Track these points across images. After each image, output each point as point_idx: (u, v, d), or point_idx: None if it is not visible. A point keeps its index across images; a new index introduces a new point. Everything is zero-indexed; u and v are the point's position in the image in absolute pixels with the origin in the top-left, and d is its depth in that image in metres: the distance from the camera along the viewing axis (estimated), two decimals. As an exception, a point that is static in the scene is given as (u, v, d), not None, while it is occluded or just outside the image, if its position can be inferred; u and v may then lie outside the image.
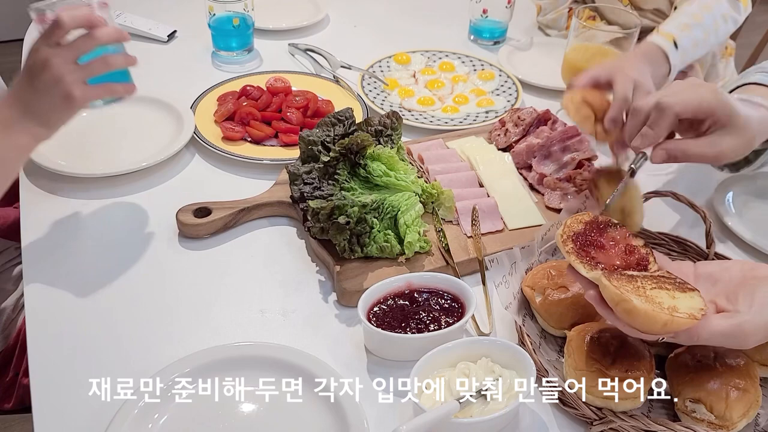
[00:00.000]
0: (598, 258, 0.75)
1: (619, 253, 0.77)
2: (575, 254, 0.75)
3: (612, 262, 0.75)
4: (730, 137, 0.81)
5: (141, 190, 1.10)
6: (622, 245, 0.78)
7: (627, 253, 0.77)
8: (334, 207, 0.92)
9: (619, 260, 0.75)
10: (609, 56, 1.22)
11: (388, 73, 1.43)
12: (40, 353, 0.84)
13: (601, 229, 0.79)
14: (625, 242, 0.78)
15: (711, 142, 0.81)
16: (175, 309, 0.91)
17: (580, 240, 0.77)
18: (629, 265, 0.75)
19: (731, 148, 0.82)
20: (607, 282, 0.70)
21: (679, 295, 0.71)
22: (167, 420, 0.76)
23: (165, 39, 1.52)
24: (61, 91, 0.85)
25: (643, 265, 0.75)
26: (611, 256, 0.76)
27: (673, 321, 0.67)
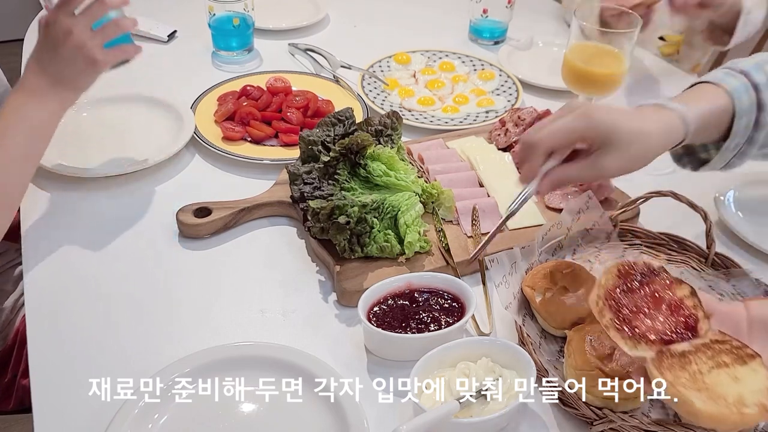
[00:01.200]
0: (641, 327, 0.67)
1: (665, 314, 0.69)
2: (616, 329, 0.67)
3: (659, 329, 0.67)
4: (610, 157, 0.77)
5: (141, 190, 1.10)
6: (667, 300, 0.70)
7: (673, 311, 0.69)
8: (334, 207, 0.92)
9: (666, 323, 0.68)
10: (609, 56, 1.22)
11: (388, 73, 1.43)
12: (40, 353, 0.84)
13: (639, 280, 0.71)
14: (668, 294, 0.70)
15: (590, 165, 0.79)
16: (175, 309, 0.91)
17: (618, 305, 0.69)
18: (677, 328, 0.68)
19: (613, 168, 0.79)
20: (659, 375, 0.63)
21: (740, 371, 0.64)
22: (167, 420, 0.76)
23: (165, 39, 1.52)
24: (86, 57, 0.92)
25: (693, 324, 0.68)
26: (656, 320, 0.68)
27: (743, 420, 0.61)
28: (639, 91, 1.44)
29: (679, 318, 0.68)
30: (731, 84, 0.84)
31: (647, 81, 1.46)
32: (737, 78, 0.85)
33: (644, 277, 0.72)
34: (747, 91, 0.84)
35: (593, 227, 0.98)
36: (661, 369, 0.64)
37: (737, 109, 0.83)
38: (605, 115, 0.78)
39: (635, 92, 1.43)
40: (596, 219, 0.98)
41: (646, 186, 1.00)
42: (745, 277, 0.93)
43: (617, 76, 1.24)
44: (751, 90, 0.84)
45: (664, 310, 0.69)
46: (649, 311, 0.69)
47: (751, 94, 0.84)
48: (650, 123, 0.80)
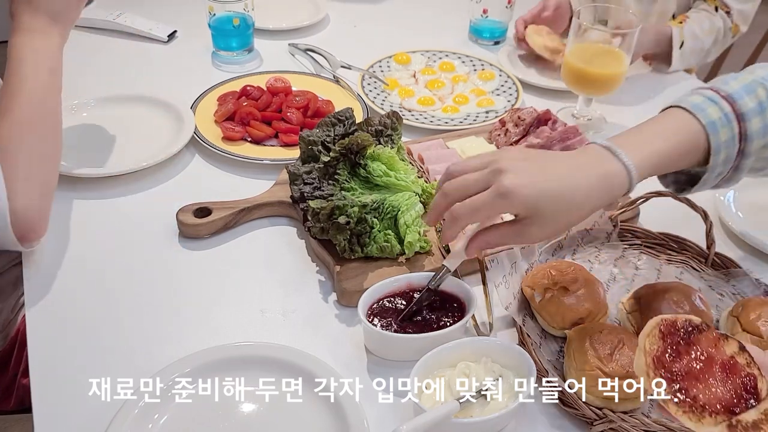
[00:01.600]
0: (702, 398, 0.63)
1: (721, 377, 0.64)
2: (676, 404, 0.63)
3: (720, 396, 0.63)
4: (536, 228, 0.72)
5: (141, 190, 1.10)
6: (719, 361, 0.65)
7: (728, 373, 0.65)
8: (334, 207, 0.92)
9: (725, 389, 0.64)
10: (609, 56, 1.22)
11: (389, 73, 1.43)
12: (40, 353, 0.84)
13: (683, 341, 0.67)
14: (718, 353, 0.66)
15: (515, 233, 0.74)
16: (175, 309, 0.91)
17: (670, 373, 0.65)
18: (738, 392, 0.64)
19: (539, 237, 0.74)
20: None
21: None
22: (167, 420, 0.76)
23: (165, 39, 1.52)
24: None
25: (753, 386, 0.64)
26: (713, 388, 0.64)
27: None
28: (639, 91, 1.44)
29: (736, 381, 0.64)
30: (709, 115, 0.77)
31: (646, 81, 1.46)
32: (719, 106, 0.77)
33: (689, 336, 0.67)
34: (729, 123, 0.77)
35: (593, 227, 0.98)
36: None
37: (713, 145, 0.76)
38: (527, 189, 0.71)
39: (636, 93, 1.43)
40: (596, 219, 0.98)
41: (646, 186, 1.00)
42: (745, 277, 0.93)
43: (617, 76, 1.24)
44: (734, 121, 0.77)
45: (718, 372, 0.65)
46: (703, 376, 0.64)
47: (734, 126, 0.77)
48: (583, 180, 0.73)
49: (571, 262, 0.91)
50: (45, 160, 0.94)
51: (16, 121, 0.92)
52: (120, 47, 1.51)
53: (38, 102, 0.94)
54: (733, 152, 0.78)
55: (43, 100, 0.95)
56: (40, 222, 0.93)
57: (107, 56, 1.48)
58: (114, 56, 1.48)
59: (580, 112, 1.32)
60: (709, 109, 0.77)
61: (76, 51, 1.03)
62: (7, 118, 0.92)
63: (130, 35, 1.54)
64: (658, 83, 1.47)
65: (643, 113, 1.35)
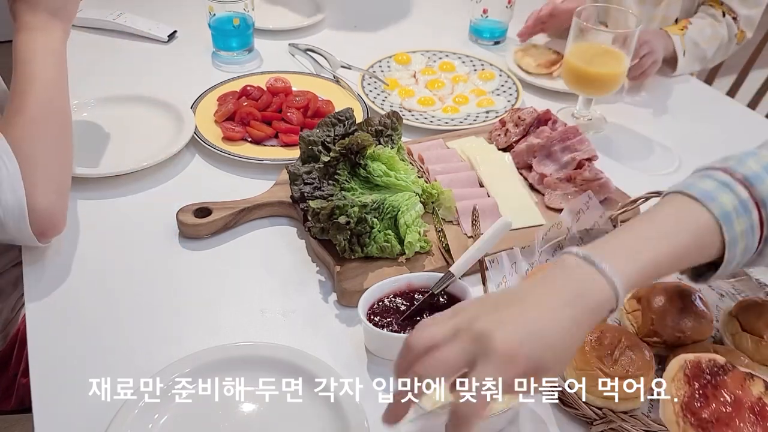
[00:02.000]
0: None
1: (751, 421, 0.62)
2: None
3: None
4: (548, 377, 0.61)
5: (141, 190, 1.10)
6: (747, 403, 0.63)
7: (758, 416, 0.62)
8: (335, 207, 0.92)
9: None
10: (609, 56, 1.22)
11: (389, 73, 1.43)
12: (40, 353, 0.84)
13: (709, 384, 0.64)
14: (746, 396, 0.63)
15: None
16: (175, 309, 0.91)
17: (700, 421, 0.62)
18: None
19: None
20: None
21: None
22: (167, 420, 0.76)
23: (165, 39, 1.52)
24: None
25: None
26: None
27: None
28: (639, 91, 1.44)
29: (765, 423, 0.62)
30: (722, 205, 0.66)
31: (646, 81, 1.46)
32: (734, 192, 0.67)
33: (715, 378, 0.65)
34: (746, 212, 0.66)
35: (593, 227, 0.98)
36: None
37: (728, 238, 0.66)
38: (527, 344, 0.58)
39: (636, 93, 1.43)
40: (596, 219, 0.98)
41: (646, 186, 1.00)
42: (745, 277, 0.93)
43: (617, 76, 1.24)
44: (753, 209, 0.67)
45: (748, 416, 0.63)
46: (733, 422, 0.62)
47: (753, 215, 0.66)
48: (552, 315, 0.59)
49: (571, 262, 0.91)
50: (59, 156, 0.95)
51: (29, 121, 0.93)
52: (120, 47, 1.51)
53: (48, 100, 0.95)
54: (753, 242, 0.68)
55: (52, 98, 0.96)
56: (59, 218, 0.95)
57: (107, 56, 1.48)
58: (114, 56, 1.48)
59: (580, 112, 1.32)
60: (722, 197, 0.66)
61: (77, 51, 1.03)
62: (20, 117, 0.93)
63: (130, 35, 1.54)
64: (659, 83, 1.47)
65: (643, 113, 1.36)
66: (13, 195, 0.88)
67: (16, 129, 0.91)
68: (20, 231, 0.90)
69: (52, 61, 0.98)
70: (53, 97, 0.96)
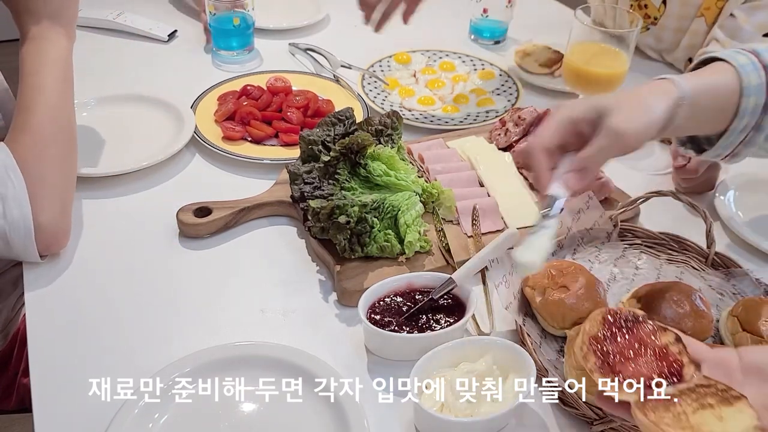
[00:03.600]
0: (626, 372, 0.66)
1: (649, 359, 0.68)
2: (600, 373, 0.66)
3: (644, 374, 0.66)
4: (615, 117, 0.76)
5: (141, 190, 1.10)
6: (651, 346, 0.69)
7: (658, 357, 0.68)
8: (335, 206, 0.92)
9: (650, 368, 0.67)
10: (609, 56, 1.22)
11: (389, 73, 1.43)
12: (40, 353, 0.84)
13: (622, 328, 0.70)
14: (653, 342, 0.69)
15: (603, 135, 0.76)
16: (176, 309, 0.91)
17: (602, 350, 0.68)
18: (662, 373, 0.66)
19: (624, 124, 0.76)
20: (643, 417, 0.61)
21: (726, 412, 0.62)
22: (167, 420, 0.76)
23: (165, 39, 1.52)
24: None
25: (678, 369, 0.67)
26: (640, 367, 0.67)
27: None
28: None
29: (663, 364, 0.67)
30: (738, 60, 0.81)
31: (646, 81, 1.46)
32: (746, 56, 0.82)
33: (629, 324, 0.70)
34: (756, 70, 0.81)
35: (593, 227, 0.98)
36: (644, 410, 0.62)
37: (744, 87, 0.80)
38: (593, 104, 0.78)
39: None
40: (596, 219, 0.98)
41: (646, 186, 1.00)
42: (745, 277, 0.93)
43: (617, 76, 1.24)
44: (761, 70, 0.81)
45: (648, 356, 0.68)
46: (633, 357, 0.68)
47: (761, 74, 0.80)
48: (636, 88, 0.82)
49: (571, 261, 0.91)
50: (65, 172, 0.96)
51: (35, 138, 0.93)
52: (120, 47, 1.51)
53: (54, 115, 0.95)
54: (760, 101, 0.80)
55: (58, 112, 0.96)
56: (63, 234, 0.96)
57: (107, 56, 1.48)
58: (114, 56, 1.48)
59: (580, 112, 1.32)
60: (739, 56, 0.82)
61: (76, 51, 1.02)
62: (26, 134, 0.93)
63: (131, 35, 1.54)
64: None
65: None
66: (19, 212, 0.88)
67: (23, 146, 0.92)
68: (25, 248, 0.91)
69: (58, 72, 0.98)
70: (59, 111, 0.96)
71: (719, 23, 1.33)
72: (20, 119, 0.94)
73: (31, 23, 0.98)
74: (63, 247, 0.96)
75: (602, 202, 1.04)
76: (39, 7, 0.98)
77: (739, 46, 0.85)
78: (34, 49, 0.97)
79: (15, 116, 0.95)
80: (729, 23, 1.30)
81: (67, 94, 0.99)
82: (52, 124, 0.95)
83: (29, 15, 0.98)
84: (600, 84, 1.25)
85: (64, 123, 0.97)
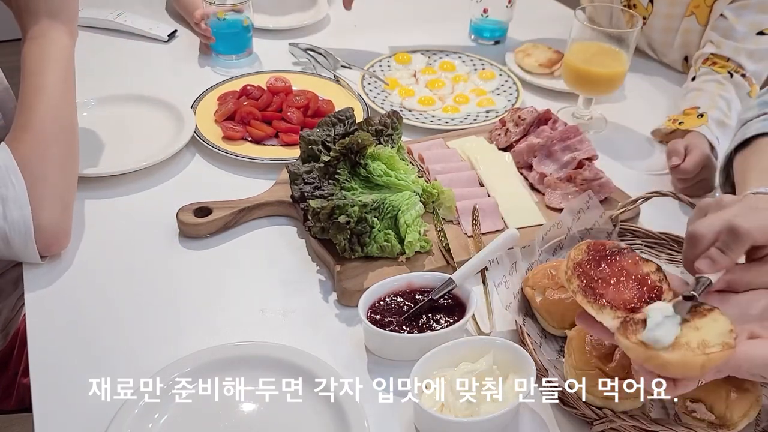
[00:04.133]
0: (607, 295, 0.70)
1: (630, 285, 0.71)
2: (582, 294, 0.70)
3: (624, 298, 0.70)
4: None
5: (141, 190, 1.10)
6: (633, 275, 0.72)
7: (639, 283, 0.71)
8: (335, 206, 0.92)
9: (630, 293, 0.70)
10: (609, 56, 1.22)
11: (389, 73, 1.43)
12: (40, 353, 0.84)
13: (607, 257, 0.73)
14: (635, 270, 0.72)
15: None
16: (175, 309, 0.91)
17: (586, 274, 0.72)
18: (641, 299, 0.70)
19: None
20: (625, 341, 0.64)
21: (701, 323, 0.66)
22: (167, 420, 0.76)
23: (165, 39, 1.52)
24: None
25: (657, 295, 0.70)
26: (621, 292, 0.70)
27: (709, 360, 0.62)
28: (639, 90, 1.44)
29: (642, 289, 0.71)
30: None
31: (647, 80, 1.46)
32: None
33: (613, 254, 0.74)
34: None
35: (593, 227, 0.98)
36: (626, 335, 0.65)
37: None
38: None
39: (636, 92, 1.43)
40: (596, 219, 0.98)
41: (646, 186, 1.00)
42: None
43: (617, 75, 1.24)
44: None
45: (629, 282, 0.71)
46: (615, 283, 0.71)
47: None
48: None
49: (571, 261, 0.91)
50: (66, 173, 0.96)
51: (36, 138, 0.93)
52: (120, 47, 1.51)
53: (55, 115, 0.95)
54: None
55: (59, 112, 0.96)
56: (64, 235, 0.95)
57: (107, 56, 1.48)
58: (114, 56, 1.48)
59: (580, 112, 1.32)
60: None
61: (77, 51, 1.02)
62: (28, 135, 0.93)
63: (131, 35, 1.54)
64: (659, 83, 1.47)
65: (643, 113, 1.36)
66: (19, 213, 0.88)
67: (24, 146, 0.91)
68: (26, 248, 0.91)
69: (59, 71, 0.97)
70: (61, 110, 0.96)
71: (711, 25, 1.33)
72: (22, 119, 0.94)
73: (31, 22, 0.98)
74: (64, 248, 0.96)
75: (602, 202, 1.04)
76: (39, 6, 0.98)
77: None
78: (36, 48, 0.97)
79: (16, 116, 0.95)
80: (721, 23, 1.30)
81: (69, 93, 0.99)
82: (53, 123, 0.94)
83: (29, 14, 0.98)
84: (600, 84, 1.26)
85: (66, 123, 0.97)
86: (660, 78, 1.48)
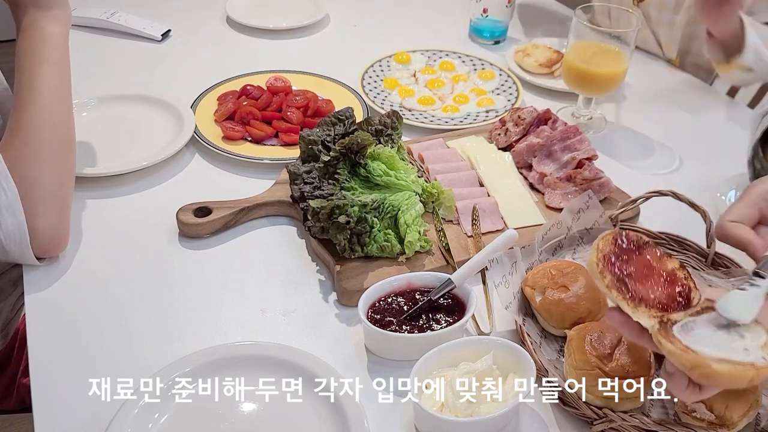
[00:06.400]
0: (640, 292, 0.68)
1: (660, 282, 0.70)
2: (618, 291, 0.67)
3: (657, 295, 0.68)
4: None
5: (141, 190, 1.10)
6: (660, 270, 0.71)
7: (667, 280, 0.70)
8: (335, 206, 0.92)
9: (662, 291, 0.69)
10: (609, 56, 1.22)
11: (389, 73, 1.43)
12: (40, 353, 0.84)
13: (632, 251, 0.72)
14: (661, 266, 0.71)
15: None
16: (175, 309, 0.91)
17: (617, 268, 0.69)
18: (672, 298, 0.68)
19: None
20: (669, 345, 0.62)
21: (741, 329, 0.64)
22: (167, 420, 0.76)
23: (159, 38, 1.52)
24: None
25: (687, 294, 0.69)
26: (654, 289, 0.69)
27: (758, 374, 0.60)
28: (639, 90, 1.44)
29: (673, 288, 0.70)
30: None
31: (647, 80, 1.46)
32: None
33: (638, 246, 0.73)
34: None
35: (593, 227, 0.98)
36: (668, 337, 0.63)
37: None
38: None
39: (636, 92, 1.43)
40: (596, 218, 0.98)
41: (646, 186, 1.00)
42: (744, 276, 0.93)
43: (617, 75, 1.24)
44: None
45: (659, 278, 0.70)
46: (645, 278, 0.70)
47: None
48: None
49: (571, 261, 0.91)
50: (60, 175, 0.93)
51: (28, 140, 0.90)
52: (120, 46, 1.51)
53: (48, 114, 0.92)
54: None
55: (52, 110, 0.93)
56: (61, 238, 0.94)
57: (107, 56, 1.48)
58: (113, 56, 1.48)
59: (580, 112, 1.32)
60: None
61: (74, 51, 1.02)
62: (19, 137, 0.90)
63: (126, 34, 1.54)
64: (659, 83, 1.47)
65: (644, 113, 1.36)
66: (13, 219, 0.86)
67: (15, 150, 0.89)
68: (23, 254, 0.89)
69: (50, 65, 0.94)
70: (53, 108, 0.93)
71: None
72: (14, 120, 0.91)
73: (20, 14, 0.96)
74: (62, 251, 0.95)
75: (602, 202, 1.04)
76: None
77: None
78: (26, 41, 0.94)
79: (9, 117, 0.93)
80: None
81: (63, 88, 0.96)
82: (45, 123, 0.91)
83: (16, 6, 0.96)
84: (600, 83, 1.26)
85: (59, 121, 0.94)
86: (660, 78, 1.48)
